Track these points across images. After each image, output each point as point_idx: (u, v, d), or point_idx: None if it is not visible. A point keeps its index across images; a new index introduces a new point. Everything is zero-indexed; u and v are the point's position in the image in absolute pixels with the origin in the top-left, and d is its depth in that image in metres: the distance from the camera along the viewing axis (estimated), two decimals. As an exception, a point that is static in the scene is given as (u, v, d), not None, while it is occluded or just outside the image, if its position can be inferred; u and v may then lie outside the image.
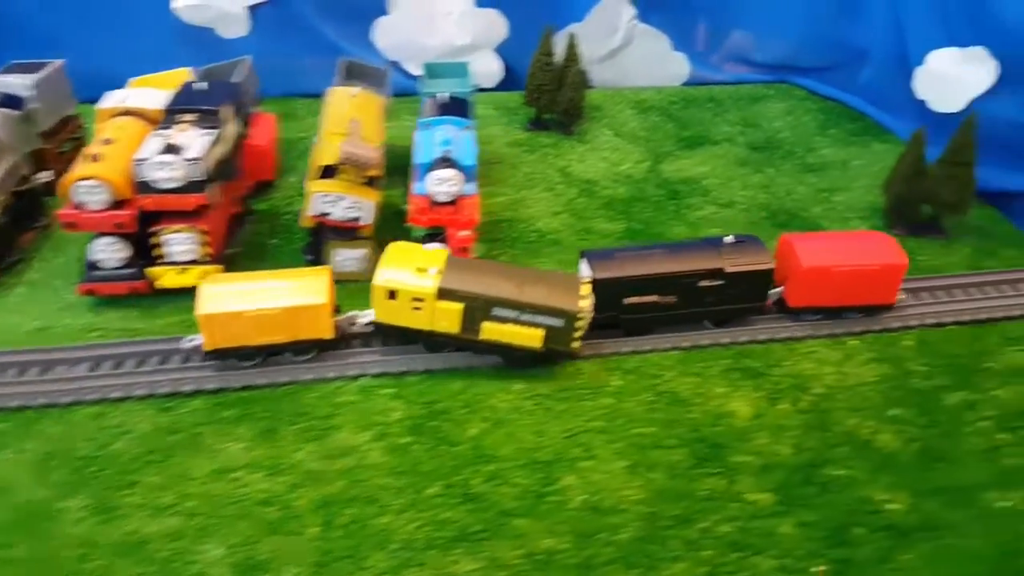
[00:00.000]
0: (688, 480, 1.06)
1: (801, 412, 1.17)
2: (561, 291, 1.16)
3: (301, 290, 1.15)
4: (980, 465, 1.09)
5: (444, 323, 1.15)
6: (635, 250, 1.29)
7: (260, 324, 1.13)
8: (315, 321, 1.15)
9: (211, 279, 1.18)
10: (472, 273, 1.16)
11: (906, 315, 1.34)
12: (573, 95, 1.91)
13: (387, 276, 1.15)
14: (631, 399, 1.19)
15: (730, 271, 1.25)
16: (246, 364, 1.17)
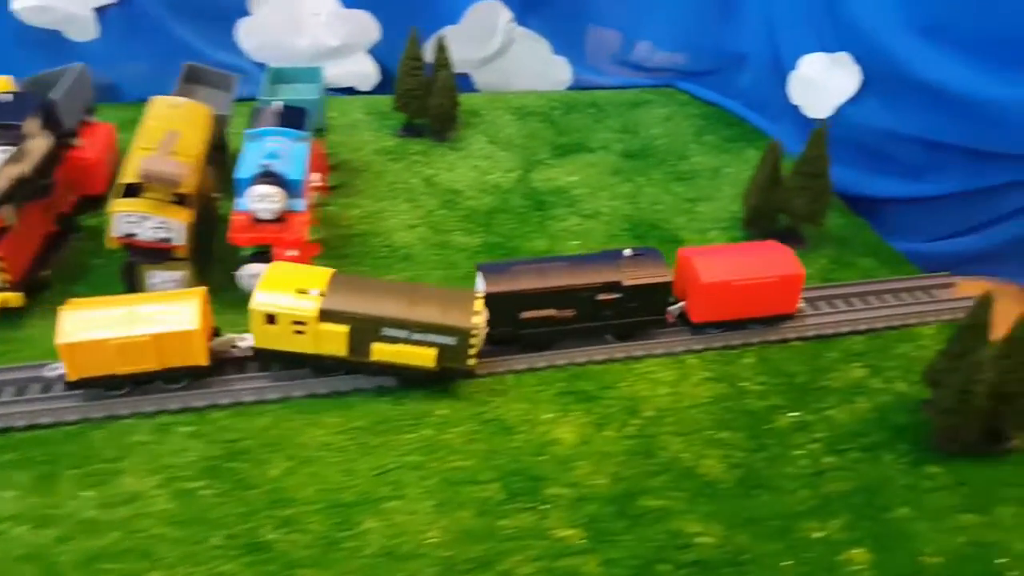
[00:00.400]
0: (496, 518, 1.01)
1: (627, 438, 1.13)
2: (453, 308, 1.12)
3: (171, 315, 1.09)
4: (802, 492, 1.06)
5: (330, 346, 1.11)
6: (532, 263, 1.27)
7: (127, 352, 1.07)
8: (187, 348, 1.09)
9: (74, 304, 1.10)
10: (358, 292, 1.12)
11: (747, 332, 1.31)
12: (443, 100, 1.84)
13: (265, 299, 1.10)
14: (453, 429, 1.13)
15: (628, 284, 1.23)
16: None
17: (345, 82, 2.13)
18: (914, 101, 1.63)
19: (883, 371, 1.26)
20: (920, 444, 1.13)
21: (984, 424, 1.09)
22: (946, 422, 1.08)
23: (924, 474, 1.09)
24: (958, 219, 1.76)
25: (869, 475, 1.09)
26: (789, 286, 1.30)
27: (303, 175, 1.32)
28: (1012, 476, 1.09)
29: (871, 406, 1.20)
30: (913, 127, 1.66)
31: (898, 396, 1.21)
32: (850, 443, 1.13)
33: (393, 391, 1.18)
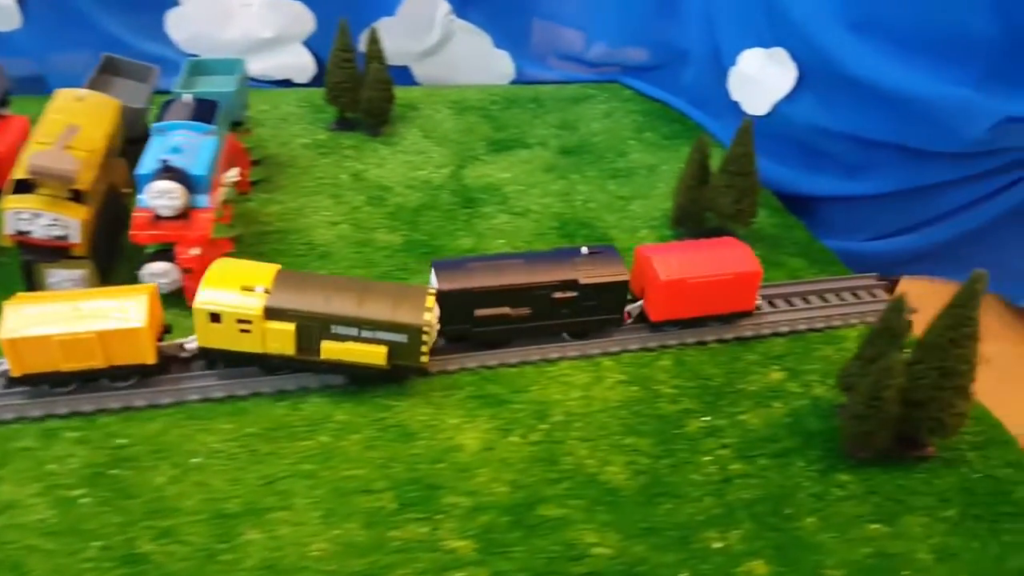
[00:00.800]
0: (386, 529, 0.97)
1: (532, 444, 1.10)
2: (404, 304, 1.09)
3: (118, 312, 1.05)
4: (706, 500, 1.04)
5: (277, 345, 1.08)
6: (487, 260, 1.24)
7: (71, 349, 1.03)
8: (133, 346, 1.06)
9: (19, 299, 1.07)
10: (305, 289, 1.08)
11: (664, 334, 1.28)
12: (374, 94, 1.80)
13: (208, 297, 1.06)
14: (352, 436, 1.09)
15: (584, 283, 1.20)
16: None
17: (281, 74, 2.07)
18: (848, 98, 1.60)
19: (802, 375, 1.23)
20: (832, 451, 1.11)
21: (897, 431, 1.06)
22: (857, 428, 1.06)
23: (834, 482, 1.06)
24: (895, 218, 1.74)
25: (777, 483, 1.06)
26: (747, 283, 1.28)
27: (207, 170, 1.27)
28: (923, 485, 1.06)
29: (786, 411, 1.17)
30: (847, 125, 1.64)
31: (815, 400, 1.19)
32: (760, 449, 1.11)
33: (291, 395, 1.14)
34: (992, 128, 1.44)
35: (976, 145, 1.47)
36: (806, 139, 1.72)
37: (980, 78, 1.43)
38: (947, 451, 1.11)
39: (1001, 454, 1.11)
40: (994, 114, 1.42)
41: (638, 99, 2.11)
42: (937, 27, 1.45)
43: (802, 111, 1.69)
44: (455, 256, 1.41)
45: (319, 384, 1.16)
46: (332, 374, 1.14)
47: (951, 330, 1.00)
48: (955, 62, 1.45)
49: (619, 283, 1.23)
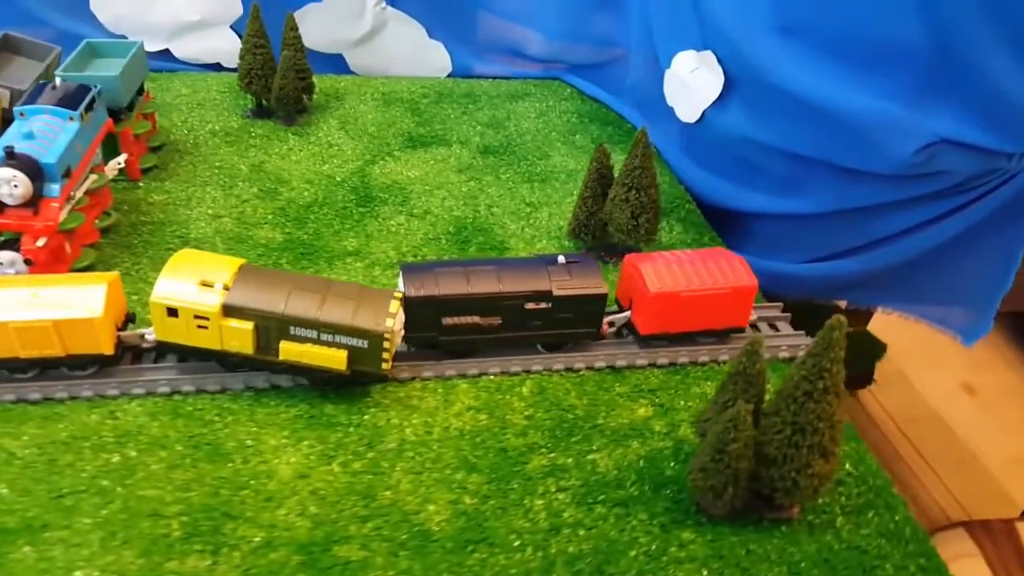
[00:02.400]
0: (164, 559, 0.89)
1: (351, 474, 1.00)
2: (367, 309, 1.05)
3: (76, 301, 1.03)
4: (526, 551, 0.94)
5: (235, 343, 1.05)
6: (458, 265, 1.17)
7: (27, 336, 1.01)
8: (90, 335, 1.03)
9: None
10: (266, 287, 1.05)
11: (531, 358, 1.18)
12: (286, 82, 1.71)
13: (166, 290, 1.03)
14: (161, 452, 1.01)
15: (558, 294, 1.13)
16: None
17: (211, 58, 1.99)
18: (775, 109, 1.48)
19: (672, 412, 1.13)
20: (682, 504, 1.00)
21: (756, 487, 0.96)
22: (703, 482, 0.95)
23: (675, 540, 0.96)
24: (830, 241, 1.63)
25: (610, 536, 0.96)
26: (741, 298, 1.21)
27: (59, 158, 1.19)
28: (776, 552, 0.96)
29: (643, 452, 1.07)
30: (777, 138, 1.52)
31: (678, 443, 1.09)
32: (602, 495, 1.01)
33: (109, 402, 1.06)
34: (922, 150, 1.32)
35: (907, 167, 1.35)
36: (737, 151, 1.61)
37: (910, 92, 1.31)
38: (814, 514, 1.00)
39: (879, 522, 1.00)
40: (923, 134, 1.30)
41: (577, 98, 2.01)
42: (866, 36, 1.34)
43: (730, 120, 1.57)
44: (422, 261, 1.36)
45: (144, 391, 1.08)
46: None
47: (806, 382, 0.89)
48: (885, 74, 1.33)
49: (596, 296, 1.15)
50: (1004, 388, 3.12)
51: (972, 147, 1.30)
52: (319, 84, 1.92)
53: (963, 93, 1.27)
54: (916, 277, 1.58)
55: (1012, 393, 3.10)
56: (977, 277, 1.50)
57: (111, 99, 1.41)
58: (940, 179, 1.40)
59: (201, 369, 1.10)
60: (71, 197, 1.24)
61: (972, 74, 1.25)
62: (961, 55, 1.24)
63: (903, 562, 0.95)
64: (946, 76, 1.28)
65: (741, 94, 1.54)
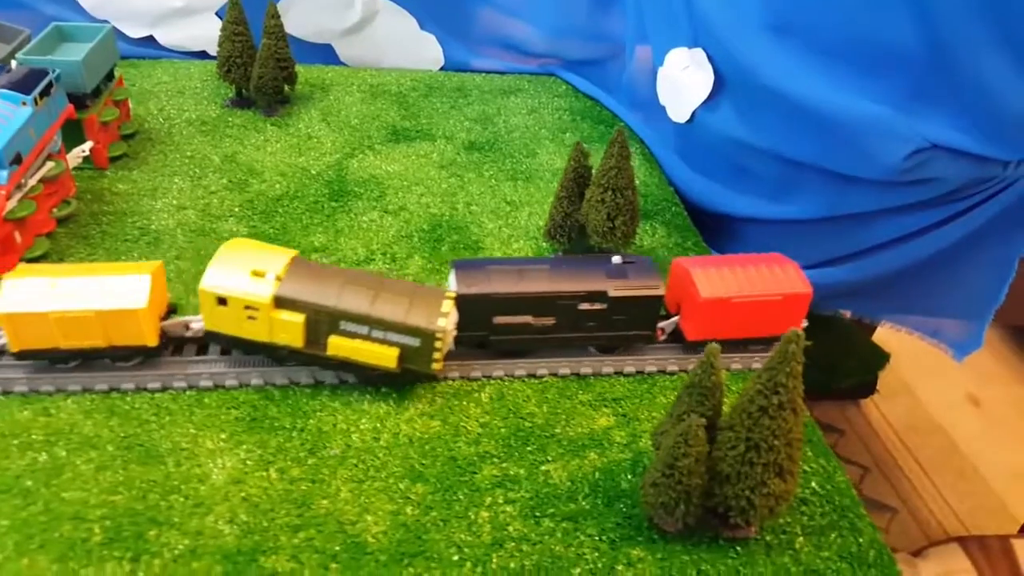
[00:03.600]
0: (80, 565, 0.85)
1: (289, 481, 0.96)
2: (420, 306, 1.02)
3: (119, 291, 1.00)
4: (466, 566, 0.89)
5: (284, 336, 1.02)
6: (511, 263, 1.14)
7: (69, 327, 0.99)
8: (133, 327, 1.01)
9: (22, 271, 1.02)
10: (319, 280, 1.02)
11: (490, 364, 1.13)
12: (265, 71, 1.67)
13: (216, 280, 1.00)
14: (91, 452, 0.97)
15: (615, 295, 1.10)
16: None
17: (195, 45, 1.96)
18: (766, 110, 1.42)
19: (634, 423, 1.08)
20: (635, 519, 0.95)
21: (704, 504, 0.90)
22: (654, 498, 0.90)
23: (624, 558, 0.91)
24: (820, 248, 1.56)
25: (555, 552, 0.91)
26: (794, 305, 1.16)
27: (6, 143, 1.16)
28: (731, 572, 0.90)
29: (600, 464, 1.01)
30: (767, 140, 1.46)
31: (637, 455, 1.03)
32: (552, 508, 0.95)
33: (43, 399, 1.02)
34: (913, 155, 1.25)
35: (897, 173, 1.29)
36: (727, 153, 1.55)
37: (902, 96, 1.25)
38: (773, 534, 0.95)
39: (841, 544, 0.95)
40: (914, 138, 1.24)
41: (571, 95, 1.95)
42: (860, 38, 1.27)
43: (720, 121, 1.51)
44: (474, 257, 1.33)
45: (80, 388, 1.04)
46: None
47: (761, 397, 0.83)
48: (877, 77, 1.27)
49: (652, 298, 1.12)
50: (1009, 400, 3.03)
51: (965, 154, 1.24)
52: (305, 75, 1.89)
53: (957, 98, 1.21)
54: (909, 288, 1.51)
55: (1017, 406, 3.02)
56: (971, 289, 1.43)
57: (74, 85, 1.38)
58: (933, 186, 1.34)
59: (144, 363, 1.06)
60: (21, 184, 1.20)
61: (967, 79, 1.18)
62: (956, 59, 1.18)
63: (864, 589, 0.89)
64: (940, 81, 1.21)
65: (731, 94, 1.48)
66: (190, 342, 1.10)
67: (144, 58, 1.90)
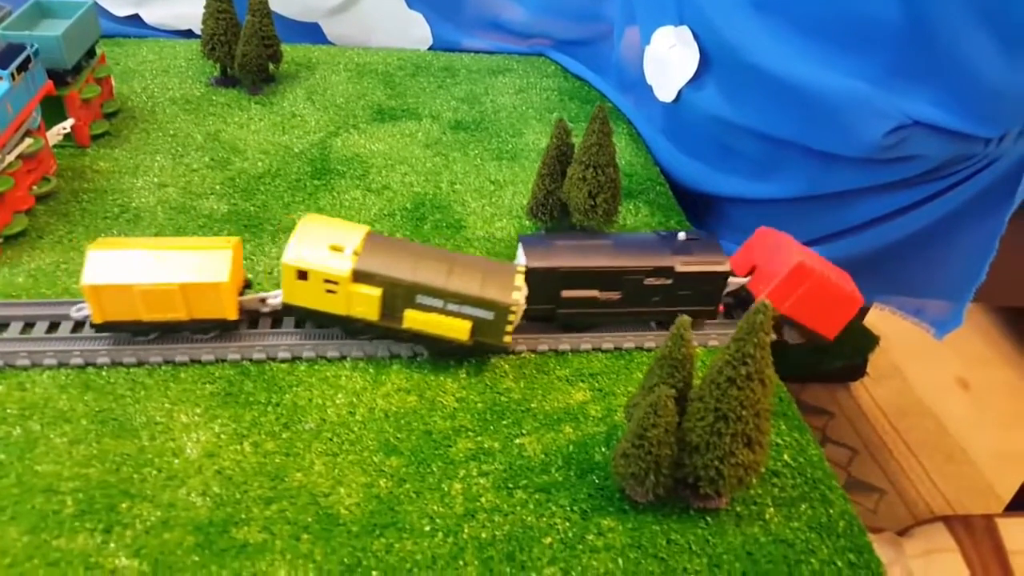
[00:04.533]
0: (52, 537, 0.85)
1: (263, 455, 0.96)
2: (494, 281, 1.04)
3: (202, 265, 1.02)
4: (437, 537, 0.89)
5: (361, 309, 1.05)
6: (579, 238, 1.17)
7: (152, 299, 1.01)
8: (215, 300, 1.03)
9: (104, 243, 1.03)
10: (395, 255, 1.05)
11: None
12: (249, 49, 1.66)
13: (297, 254, 1.03)
14: (65, 425, 0.97)
15: (681, 270, 1.12)
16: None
17: (182, 24, 1.95)
18: (750, 88, 1.42)
19: (610, 397, 1.08)
20: (607, 490, 0.95)
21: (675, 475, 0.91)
22: (625, 469, 0.90)
23: (594, 528, 0.91)
24: (803, 227, 1.55)
25: (527, 522, 0.91)
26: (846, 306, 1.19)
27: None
28: (699, 543, 0.91)
29: (575, 437, 1.02)
30: (751, 119, 1.46)
31: (612, 428, 1.04)
32: (525, 479, 0.96)
33: (18, 373, 1.02)
34: (893, 131, 1.25)
35: (878, 150, 1.29)
36: (712, 132, 1.55)
37: (883, 73, 1.25)
38: (744, 504, 0.95)
39: (811, 515, 0.95)
40: (895, 115, 1.24)
41: (560, 76, 1.95)
42: (842, 14, 1.27)
43: (706, 100, 1.51)
44: (537, 233, 1.34)
45: (56, 362, 1.04)
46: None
47: (729, 367, 0.83)
48: (859, 54, 1.27)
49: (718, 273, 1.13)
50: (998, 383, 3.04)
51: (946, 131, 1.24)
52: (291, 54, 1.88)
53: (938, 76, 1.21)
54: (891, 267, 1.51)
55: (1006, 388, 3.03)
56: (953, 268, 1.43)
57: (53, 61, 1.37)
58: (914, 164, 1.34)
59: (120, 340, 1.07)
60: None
61: (948, 56, 1.18)
62: (937, 37, 1.18)
63: (831, 557, 0.89)
64: (921, 58, 1.21)
65: (716, 72, 1.48)
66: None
67: (130, 36, 1.90)
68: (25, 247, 1.24)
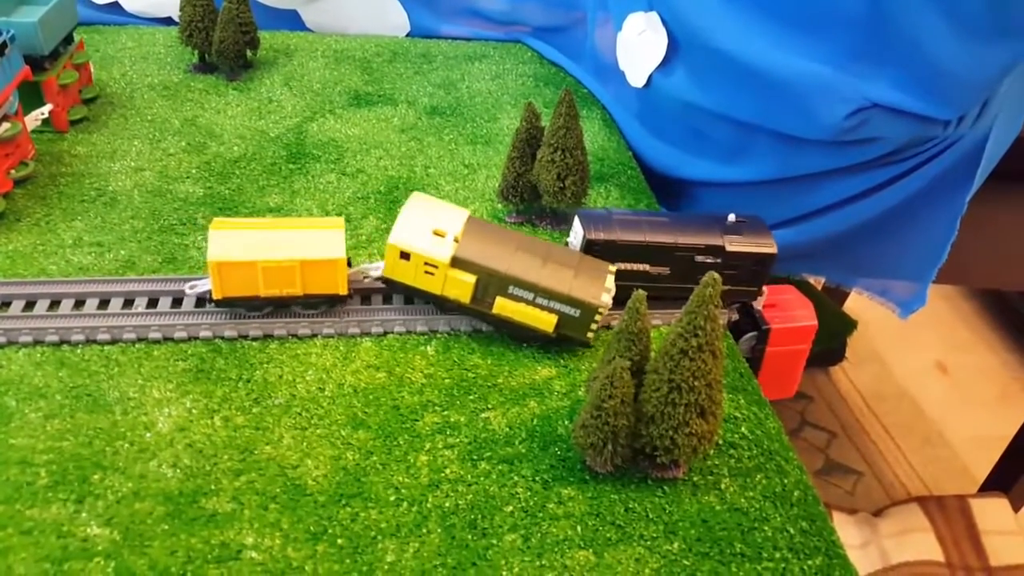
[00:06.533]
0: (24, 507, 0.87)
1: (233, 429, 0.99)
2: (585, 279, 1.08)
3: (319, 243, 1.09)
4: (402, 507, 0.92)
5: (454, 292, 1.10)
6: (633, 214, 1.21)
7: (272, 275, 1.07)
8: (330, 276, 1.09)
9: (221, 224, 1.09)
10: (493, 244, 1.10)
11: (435, 319, 1.16)
12: (226, 35, 1.68)
13: (403, 237, 1.09)
14: (40, 401, 0.99)
15: (730, 250, 1.16)
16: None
17: (160, 12, 1.96)
18: (716, 73, 1.45)
19: (575, 373, 1.11)
20: (568, 461, 0.98)
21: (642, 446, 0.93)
22: (584, 440, 0.93)
23: (555, 497, 0.94)
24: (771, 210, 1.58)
25: (490, 492, 0.94)
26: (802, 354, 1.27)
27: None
28: (656, 511, 0.94)
29: (540, 411, 1.05)
30: (718, 103, 1.48)
31: (575, 403, 1.06)
32: (489, 452, 0.99)
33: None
34: (854, 114, 1.28)
35: (839, 132, 1.32)
36: (682, 117, 1.57)
37: (844, 57, 1.27)
38: (701, 475, 0.98)
39: (766, 485, 0.98)
40: (855, 98, 1.27)
41: (536, 62, 1.97)
42: None
43: (675, 85, 1.54)
44: (596, 208, 1.39)
45: (31, 340, 1.06)
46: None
47: (682, 339, 0.86)
48: (820, 38, 1.29)
49: (765, 255, 1.17)
50: (977, 367, 3.09)
51: (906, 113, 1.26)
52: (270, 40, 1.90)
53: (897, 59, 1.23)
54: (857, 248, 1.54)
55: (984, 372, 3.07)
56: (916, 249, 1.46)
57: (30, 46, 1.39)
58: (875, 146, 1.36)
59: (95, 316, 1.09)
60: (-26, 143, 1.22)
61: (906, 40, 1.21)
62: (895, 21, 1.20)
63: (784, 525, 0.92)
64: (881, 41, 1.24)
65: (684, 57, 1.50)
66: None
67: (110, 24, 1.91)
68: (3, 229, 1.26)
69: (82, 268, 1.19)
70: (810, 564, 0.89)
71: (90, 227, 1.28)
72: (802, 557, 0.90)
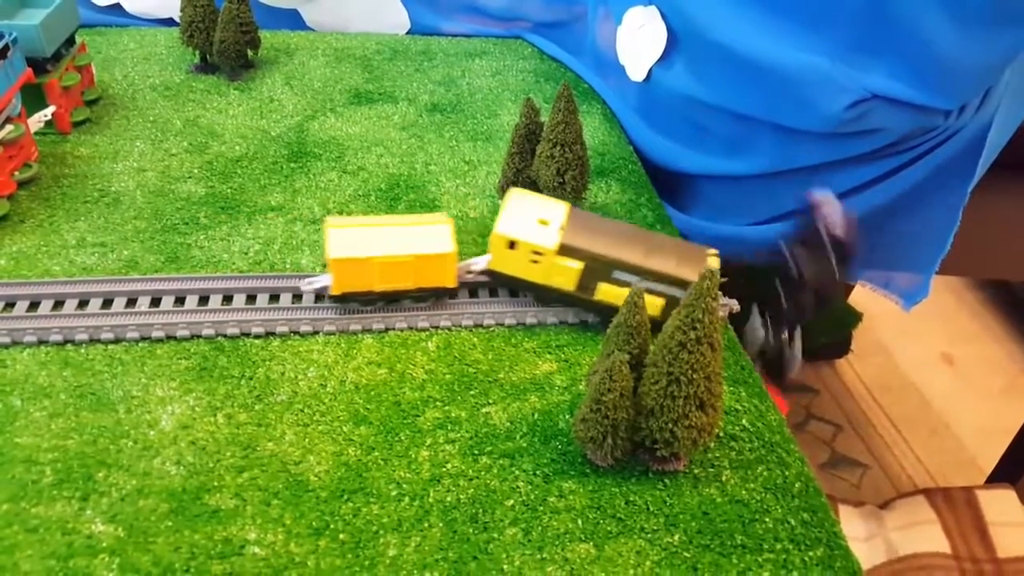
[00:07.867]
0: (29, 505, 0.88)
1: (235, 426, 0.99)
2: (688, 261, 1.09)
3: (430, 238, 1.13)
4: (403, 501, 0.92)
5: (560, 279, 1.12)
6: None
7: (388, 270, 1.11)
8: (442, 270, 1.13)
9: (335, 222, 1.14)
10: (596, 231, 1.12)
11: (438, 315, 1.16)
12: (227, 35, 1.68)
13: (509, 227, 1.12)
14: (44, 400, 1.00)
15: None
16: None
17: (162, 13, 1.97)
18: (716, 66, 1.45)
19: (575, 367, 1.11)
20: (569, 455, 0.99)
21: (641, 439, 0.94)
22: (584, 433, 0.93)
23: (556, 491, 0.94)
24: (772, 203, 1.59)
25: (491, 486, 0.94)
26: None
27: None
28: (657, 504, 0.94)
29: (541, 406, 1.05)
30: (719, 97, 1.48)
31: (577, 397, 1.07)
32: (490, 446, 0.99)
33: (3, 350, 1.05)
34: (854, 105, 1.28)
35: (839, 124, 1.31)
36: (683, 111, 1.57)
37: (843, 48, 1.27)
38: (701, 467, 0.98)
39: (767, 477, 0.98)
40: (855, 89, 1.26)
41: (536, 58, 1.97)
42: None
43: (675, 79, 1.53)
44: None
45: (36, 340, 1.07)
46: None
47: (680, 332, 0.86)
48: (820, 29, 1.29)
49: None
50: (982, 358, 3.08)
51: (906, 104, 1.26)
52: (271, 40, 1.90)
53: (897, 49, 1.23)
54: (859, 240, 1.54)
55: (990, 363, 3.06)
56: (918, 239, 1.46)
57: (32, 49, 1.39)
58: (876, 137, 1.36)
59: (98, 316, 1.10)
60: (-23, 145, 1.23)
61: (905, 31, 1.20)
62: (896, 10, 1.20)
63: (785, 516, 0.93)
64: (881, 32, 1.23)
65: (683, 51, 1.50)
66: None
67: (111, 26, 1.92)
68: (7, 231, 1.27)
69: (86, 268, 1.20)
70: (811, 555, 0.89)
71: (93, 228, 1.28)
72: (803, 548, 0.90)
